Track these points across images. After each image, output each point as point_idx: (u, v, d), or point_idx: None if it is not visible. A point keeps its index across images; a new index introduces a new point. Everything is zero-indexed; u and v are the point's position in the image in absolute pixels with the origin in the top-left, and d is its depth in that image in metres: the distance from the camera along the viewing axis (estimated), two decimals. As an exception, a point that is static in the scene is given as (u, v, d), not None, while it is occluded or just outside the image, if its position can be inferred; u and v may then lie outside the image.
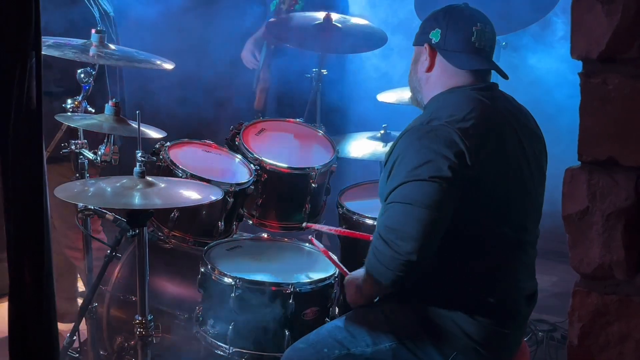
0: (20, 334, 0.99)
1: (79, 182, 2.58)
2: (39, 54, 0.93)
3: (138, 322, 2.45)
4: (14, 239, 0.98)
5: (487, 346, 2.13)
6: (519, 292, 2.20)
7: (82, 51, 2.67)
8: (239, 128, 3.11)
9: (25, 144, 0.95)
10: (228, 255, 2.79)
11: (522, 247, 2.20)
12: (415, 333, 2.15)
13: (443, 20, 2.21)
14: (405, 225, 2.00)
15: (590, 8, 1.06)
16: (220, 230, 2.88)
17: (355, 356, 2.17)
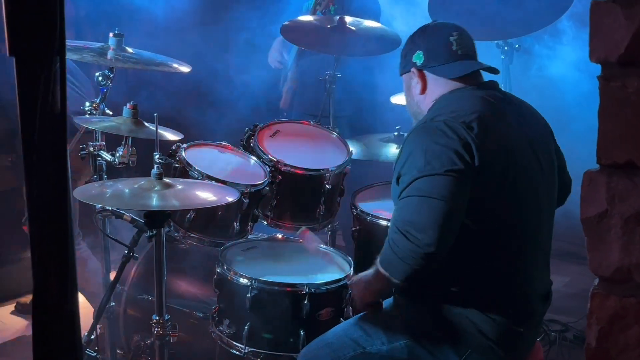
0: (44, 334, 1.00)
1: (97, 183, 2.59)
2: (63, 59, 0.93)
3: (155, 321, 2.46)
4: (38, 241, 0.98)
5: (502, 344, 2.12)
6: (534, 290, 2.20)
7: (100, 54, 2.68)
8: (254, 130, 3.12)
9: (49, 147, 0.95)
10: (244, 256, 2.80)
11: (536, 248, 2.20)
12: (430, 331, 2.15)
13: (420, 40, 2.27)
14: (422, 217, 1.99)
15: (610, 12, 1.05)
16: (236, 231, 2.88)
17: (371, 354, 2.17)
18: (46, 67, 0.92)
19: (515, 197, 2.13)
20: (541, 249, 2.23)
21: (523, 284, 2.16)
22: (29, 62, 0.91)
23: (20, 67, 0.92)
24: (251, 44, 4.81)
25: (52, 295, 0.99)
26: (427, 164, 2.01)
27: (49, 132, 0.94)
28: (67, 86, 0.94)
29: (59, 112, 0.94)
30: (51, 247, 0.98)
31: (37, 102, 0.92)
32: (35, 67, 0.91)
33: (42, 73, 0.91)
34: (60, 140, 0.96)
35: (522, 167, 2.14)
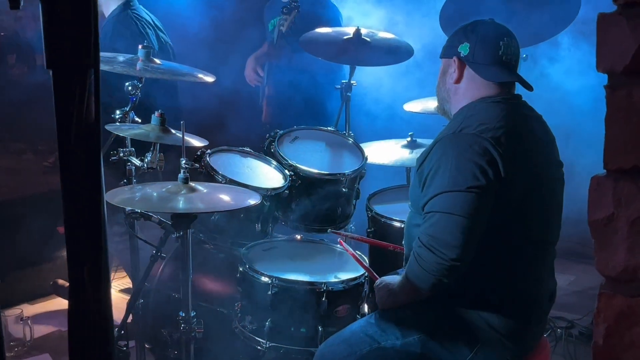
0: (79, 328, 1.00)
1: (127, 187, 2.61)
2: (97, 71, 0.94)
3: (182, 317, 2.47)
4: (74, 242, 0.98)
5: (510, 338, 2.11)
6: (541, 290, 2.19)
7: (129, 65, 2.69)
8: (275, 136, 3.13)
9: (84, 154, 0.95)
10: (264, 256, 2.80)
11: (545, 249, 2.19)
12: (442, 326, 2.14)
13: (472, 34, 2.19)
14: (448, 234, 1.98)
15: (616, 24, 1.04)
16: (257, 232, 2.90)
17: (385, 349, 2.16)
18: (81, 80, 0.92)
19: (534, 208, 2.11)
20: (550, 254, 2.22)
21: (532, 285, 2.15)
22: (65, 74, 0.92)
23: (57, 79, 0.92)
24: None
25: (87, 291, 0.99)
26: (451, 178, 1.99)
27: (83, 140, 0.94)
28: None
29: (93, 121, 0.94)
30: (86, 246, 0.98)
31: (73, 112, 0.93)
32: (71, 79, 0.92)
33: (78, 85, 0.92)
34: (95, 148, 0.96)
35: (543, 179, 2.13)
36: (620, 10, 1.04)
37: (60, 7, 0.89)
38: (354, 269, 2.70)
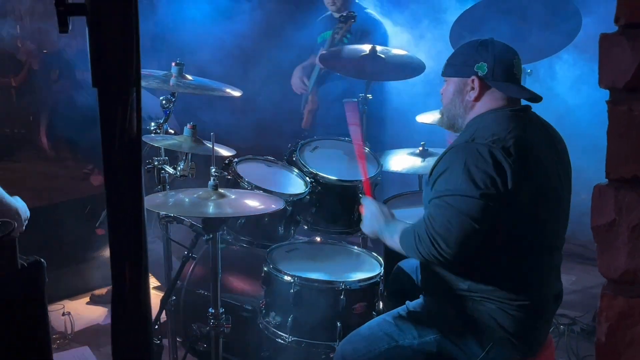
0: (121, 320, 1.01)
1: (161, 193, 2.62)
2: (138, 89, 0.95)
3: (211, 314, 2.48)
4: (117, 243, 1.00)
5: (519, 337, 2.10)
6: (548, 292, 2.17)
7: (163, 81, 2.71)
8: (296, 145, 3.14)
9: (127, 164, 0.97)
10: (287, 256, 2.80)
11: (552, 253, 2.17)
12: (456, 326, 2.13)
13: (487, 54, 2.14)
14: (451, 233, 1.97)
15: (617, 43, 1.04)
16: (280, 234, 2.90)
17: (403, 347, 2.16)
18: (124, 97, 0.94)
19: (542, 216, 2.10)
20: (556, 258, 2.19)
21: (539, 287, 2.13)
22: (109, 93, 0.93)
23: (102, 97, 0.94)
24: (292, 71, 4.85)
25: (128, 287, 1.00)
26: (464, 183, 1.97)
27: (126, 151, 0.96)
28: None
29: (134, 135, 0.95)
30: (127, 246, 0.99)
31: (117, 127, 0.94)
32: (115, 97, 0.93)
33: (121, 103, 0.93)
34: (136, 158, 0.97)
35: (551, 189, 2.11)
36: (621, 31, 1.05)
37: (105, 31, 0.91)
38: (371, 269, 2.70)
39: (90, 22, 0.91)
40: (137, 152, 0.97)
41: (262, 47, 5.17)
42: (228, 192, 2.46)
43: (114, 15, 0.91)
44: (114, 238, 1.00)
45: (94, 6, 0.91)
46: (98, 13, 0.91)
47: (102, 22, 0.91)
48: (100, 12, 0.91)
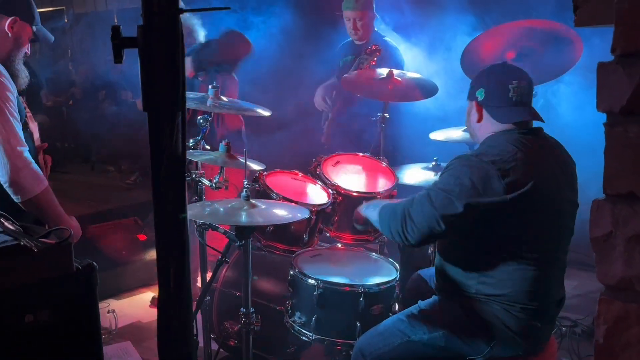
0: (166, 317, 1.04)
1: (198, 203, 2.65)
2: (183, 113, 0.98)
3: (242, 313, 2.49)
4: (163, 247, 1.02)
5: (523, 336, 2.10)
6: (550, 296, 2.16)
7: (201, 102, 2.75)
8: (320, 160, 3.16)
9: (173, 178, 1.00)
10: (311, 261, 2.80)
11: (555, 262, 2.16)
12: (463, 324, 2.14)
13: (486, 79, 2.18)
14: (419, 220, 2.05)
15: (614, 71, 1.05)
16: (305, 241, 2.91)
17: (414, 342, 2.17)
18: (171, 120, 0.97)
19: (545, 226, 2.10)
20: (558, 265, 2.19)
21: (542, 291, 2.12)
22: (158, 116, 0.96)
23: (151, 119, 0.97)
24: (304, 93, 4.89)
25: (172, 288, 1.02)
26: (452, 185, 2.01)
27: (172, 167, 0.99)
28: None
29: (179, 153, 0.98)
30: (173, 251, 1.02)
31: (164, 145, 0.97)
32: (163, 120, 0.96)
33: (168, 125, 0.96)
34: (181, 173, 1.00)
35: (553, 203, 2.10)
36: (617, 60, 1.05)
37: (155, 62, 0.94)
38: (388, 274, 2.70)
39: (142, 54, 0.95)
40: (181, 167, 1.00)
41: (289, 70, 5.21)
42: (258, 203, 2.49)
43: (162, 48, 0.94)
44: (160, 242, 1.02)
45: (145, 40, 0.94)
46: (149, 46, 0.94)
47: (152, 54, 0.94)
48: (150, 45, 0.94)
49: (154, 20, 0.93)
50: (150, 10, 0.93)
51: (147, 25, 0.93)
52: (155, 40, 0.94)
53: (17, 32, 2.33)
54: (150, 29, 0.93)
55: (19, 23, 2.33)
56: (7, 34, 2.30)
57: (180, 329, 1.05)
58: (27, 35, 2.38)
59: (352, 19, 4.08)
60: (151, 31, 0.93)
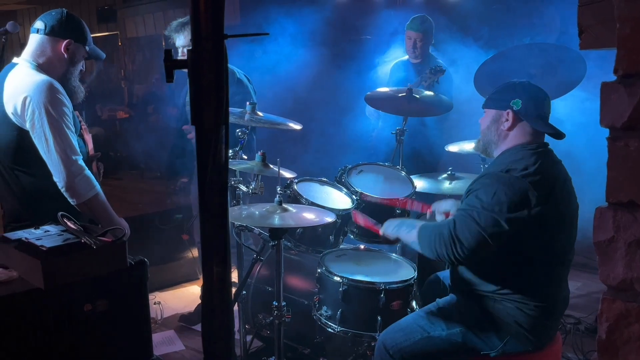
0: (209, 308, 1.05)
1: (236, 207, 2.67)
2: (227, 126, 1.00)
3: (275, 306, 2.50)
4: (208, 246, 1.03)
5: (533, 332, 2.08)
6: (559, 295, 2.14)
7: (239, 117, 2.78)
8: (345, 169, 3.16)
9: (216, 184, 1.01)
10: (336, 260, 2.81)
11: (564, 265, 2.14)
12: (479, 321, 2.12)
13: (523, 92, 2.14)
14: (468, 242, 1.98)
15: (616, 89, 1.05)
16: (331, 242, 2.91)
17: (433, 338, 2.15)
18: (216, 133, 0.98)
19: (559, 235, 2.08)
20: (566, 267, 2.16)
21: (552, 291, 2.10)
22: (204, 129, 0.98)
23: (199, 132, 0.99)
24: (346, 106, 4.90)
25: (215, 283, 1.04)
26: (492, 203, 1.97)
27: (216, 175, 1.00)
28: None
29: (223, 163, 1.00)
30: (216, 249, 1.03)
31: (209, 156, 0.99)
32: (209, 133, 0.97)
33: (213, 137, 0.98)
34: (224, 180, 1.02)
35: (566, 213, 2.09)
36: (619, 80, 1.05)
37: (202, 81, 0.96)
38: (406, 273, 2.69)
39: (191, 74, 0.97)
40: (224, 175, 1.01)
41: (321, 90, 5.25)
42: (290, 207, 2.50)
43: (209, 69, 0.96)
44: (205, 242, 1.04)
45: (194, 62, 0.96)
46: (197, 67, 0.96)
47: (200, 74, 0.96)
48: (198, 66, 0.96)
49: (202, 45, 0.95)
50: (199, 36, 0.94)
51: (196, 48, 0.95)
52: (203, 62, 0.95)
53: (72, 52, 2.37)
54: (199, 52, 0.95)
55: (74, 44, 2.37)
56: (63, 55, 2.35)
57: (221, 318, 1.06)
58: (81, 55, 2.43)
59: (414, 39, 4.12)
60: (199, 54, 0.95)
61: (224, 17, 0.95)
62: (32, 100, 2.15)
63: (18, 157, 2.22)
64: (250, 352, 3.08)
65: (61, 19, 2.34)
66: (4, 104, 2.20)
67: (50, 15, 2.35)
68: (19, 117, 2.17)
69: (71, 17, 2.38)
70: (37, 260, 1.40)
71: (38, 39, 2.34)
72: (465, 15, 5.07)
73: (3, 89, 2.24)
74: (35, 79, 2.22)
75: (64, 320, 1.42)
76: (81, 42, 2.40)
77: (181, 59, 0.99)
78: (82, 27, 2.42)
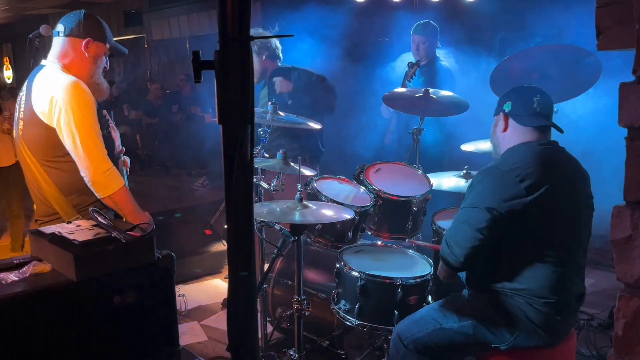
0: (235, 300, 1.05)
1: (258, 204, 2.68)
2: (252, 125, 1.00)
3: (295, 300, 2.51)
4: (233, 237, 1.04)
5: (544, 328, 2.05)
6: (571, 292, 2.11)
7: (261, 117, 2.79)
8: (363, 167, 3.15)
9: (242, 181, 1.01)
10: (355, 256, 2.80)
11: (574, 260, 2.11)
12: (490, 315, 2.10)
13: (513, 94, 2.21)
14: (460, 238, 2.05)
15: (634, 90, 1.03)
16: (349, 238, 2.90)
17: (445, 329, 2.15)
18: (241, 132, 0.98)
19: (563, 229, 2.06)
20: (578, 263, 2.13)
21: (562, 286, 2.07)
22: (231, 128, 0.98)
23: (225, 131, 0.99)
24: (364, 106, 4.89)
25: (240, 276, 1.04)
26: (476, 198, 2.03)
27: (242, 172, 1.00)
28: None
29: (248, 160, 1.00)
30: (241, 242, 1.03)
31: (235, 154, 0.99)
32: (235, 132, 0.98)
33: (239, 135, 0.98)
34: (249, 177, 1.02)
35: (570, 206, 2.07)
36: (638, 81, 1.03)
37: (229, 82, 0.96)
38: (422, 269, 2.68)
39: (218, 75, 0.97)
40: (249, 172, 1.01)
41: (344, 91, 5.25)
42: (310, 204, 2.50)
43: (235, 70, 0.96)
44: (231, 236, 1.04)
45: (221, 62, 0.96)
46: (224, 68, 0.96)
47: (227, 75, 0.96)
48: (225, 67, 0.96)
49: (228, 46, 0.95)
50: (225, 37, 0.94)
51: (223, 50, 0.95)
52: (230, 63, 0.95)
53: (92, 51, 2.38)
54: (226, 53, 0.95)
55: (93, 43, 2.37)
56: (84, 54, 2.36)
57: (246, 309, 1.06)
58: (102, 52, 2.42)
59: (417, 42, 4.28)
60: (226, 55, 0.95)
61: (250, 19, 0.95)
62: (58, 100, 2.18)
63: (47, 153, 2.25)
64: (270, 344, 3.10)
65: (79, 20, 2.35)
66: (33, 104, 2.24)
67: (69, 17, 2.37)
68: (47, 116, 2.20)
69: (89, 17, 2.38)
70: (69, 254, 1.42)
71: (60, 41, 2.36)
72: (480, 18, 5.03)
73: (32, 90, 2.27)
74: (61, 80, 2.24)
75: (95, 311, 1.44)
76: (100, 39, 2.40)
77: (208, 60, 0.99)
78: (100, 26, 2.42)
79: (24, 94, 2.32)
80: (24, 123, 2.28)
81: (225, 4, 0.93)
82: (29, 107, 2.25)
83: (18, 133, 2.32)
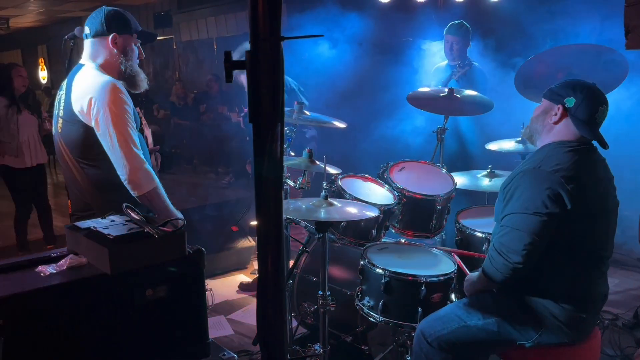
0: (265, 295, 1.06)
1: (284, 201, 2.69)
2: (282, 124, 1.00)
3: (320, 296, 2.51)
4: (263, 237, 1.04)
5: (569, 326, 2.02)
6: (596, 291, 2.08)
7: (287, 116, 2.80)
8: (387, 166, 3.15)
9: (272, 179, 1.02)
10: (379, 253, 2.79)
11: (601, 261, 2.08)
12: (515, 312, 2.08)
13: (580, 93, 2.07)
14: (514, 244, 1.98)
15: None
16: (373, 236, 2.90)
17: (469, 327, 2.13)
18: (271, 130, 0.99)
19: (594, 231, 2.04)
20: (605, 264, 2.10)
21: (589, 287, 2.05)
22: (261, 127, 0.98)
23: (256, 130, 0.99)
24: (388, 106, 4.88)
25: (270, 271, 1.05)
26: (524, 203, 1.97)
27: (272, 170, 1.01)
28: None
29: (278, 158, 1.01)
30: (270, 239, 1.04)
31: (265, 152, 1.00)
32: (265, 130, 0.98)
33: (269, 134, 0.98)
34: (279, 175, 1.02)
35: (603, 209, 2.05)
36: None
37: (260, 82, 0.97)
38: (446, 267, 2.66)
39: (250, 75, 0.97)
40: (279, 170, 1.02)
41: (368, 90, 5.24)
42: (335, 202, 2.50)
43: (266, 69, 0.97)
44: (261, 233, 1.04)
45: (253, 62, 0.97)
46: (255, 68, 0.97)
47: (258, 74, 0.97)
48: (257, 67, 0.97)
49: (260, 46, 0.95)
50: (257, 38, 0.95)
51: (255, 50, 0.95)
52: (261, 63, 0.96)
53: (120, 45, 2.36)
54: (257, 53, 0.95)
55: (119, 37, 2.36)
56: (112, 50, 2.36)
57: (275, 303, 1.07)
58: (130, 43, 2.40)
59: (451, 42, 4.24)
60: (258, 55, 0.95)
61: (281, 20, 0.95)
62: (96, 101, 2.21)
63: (84, 151, 2.29)
64: (295, 338, 3.11)
65: (101, 19, 2.34)
66: (72, 103, 2.27)
67: (92, 17, 2.37)
68: (85, 116, 2.24)
69: (109, 12, 2.36)
70: (104, 248, 1.45)
71: (89, 43, 2.37)
72: (504, 17, 4.97)
73: (72, 89, 2.31)
74: (99, 81, 2.27)
75: (128, 303, 1.46)
76: (126, 32, 2.38)
77: (240, 60, 0.99)
78: (122, 18, 2.39)
79: (63, 92, 2.35)
80: (63, 121, 2.32)
81: (257, 4, 0.93)
82: (69, 106, 2.29)
83: (57, 130, 2.36)
